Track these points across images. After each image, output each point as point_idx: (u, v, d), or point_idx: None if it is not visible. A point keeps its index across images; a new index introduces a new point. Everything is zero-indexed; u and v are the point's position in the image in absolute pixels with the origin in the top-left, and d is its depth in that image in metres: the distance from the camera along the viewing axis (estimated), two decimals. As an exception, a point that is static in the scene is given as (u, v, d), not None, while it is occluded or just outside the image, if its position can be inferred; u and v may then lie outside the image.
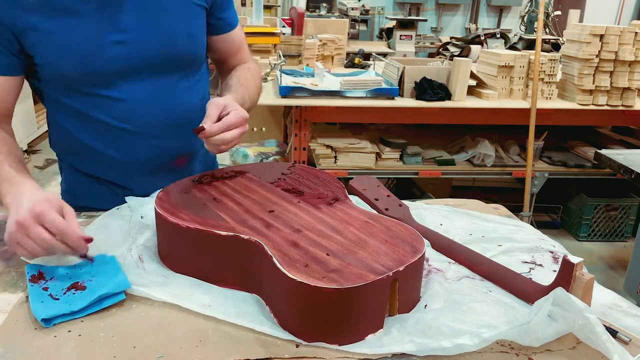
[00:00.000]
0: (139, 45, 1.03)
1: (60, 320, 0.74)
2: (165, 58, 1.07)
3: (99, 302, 0.77)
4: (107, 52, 1.01)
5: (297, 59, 3.43)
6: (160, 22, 1.04)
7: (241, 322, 0.74)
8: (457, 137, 3.14)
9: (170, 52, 1.07)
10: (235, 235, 0.80)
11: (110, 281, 0.80)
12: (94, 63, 1.01)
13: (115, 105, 1.05)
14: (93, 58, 1.00)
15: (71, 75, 1.01)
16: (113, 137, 1.08)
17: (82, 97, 1.05)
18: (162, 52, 1.06)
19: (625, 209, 3.12)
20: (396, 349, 0.69)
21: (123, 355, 0.68)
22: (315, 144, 2.80)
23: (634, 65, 2.65)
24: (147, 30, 1.03)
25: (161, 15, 1.04)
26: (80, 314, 0.75)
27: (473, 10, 7.20)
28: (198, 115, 1.16)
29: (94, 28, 0.99)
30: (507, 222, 1.07)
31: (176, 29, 1.07)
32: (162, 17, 1.05)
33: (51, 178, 3.86)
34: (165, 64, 1.07)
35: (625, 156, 2.14)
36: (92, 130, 1.08)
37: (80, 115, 1.07)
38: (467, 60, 2.63)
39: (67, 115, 1.08)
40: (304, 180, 1.01)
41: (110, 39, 1.00)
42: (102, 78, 1.03)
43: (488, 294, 0.81)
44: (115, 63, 1.02)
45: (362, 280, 0.69)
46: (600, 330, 0.66)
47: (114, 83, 1.04)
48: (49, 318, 0.73)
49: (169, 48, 1.06)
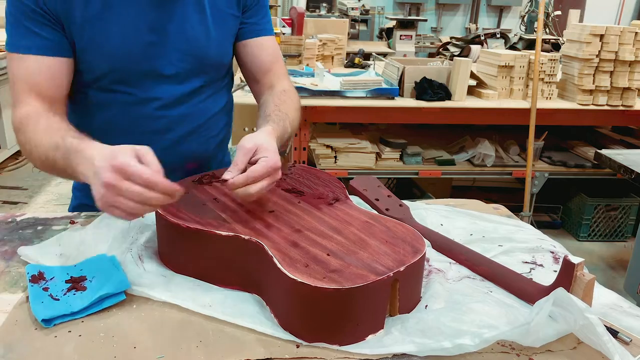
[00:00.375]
0: (168, 48, 1.03)
1: (60, 321, 0.74)
2: (191, 64, 1.06)
3: (99, 302, 0.77)
4: (138, 51, 1.01)
5: (297, 59, 3.42)
6: (191, 28, 1.04)
7: (241, 323, 0.74)
8: (457, 137, 3.14)
9: (198, 60, 1.07)
10: (236, 235, 0.80)
11: (110, 281, 0.79)
12: (123, 60, 1.01)
13: (135, 105, 1.06)
14: (124, 55, 1.00)
15: (102, 69, 1.01)
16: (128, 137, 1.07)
17: (105, 92, 1.04)
18: (190, 59, 1.06)
19: (625, 209, 3.12)
20: (397, 349, 0.69)
21: (123, 356, 0.68)
22: (315, 144, 2.80)
23: (634, 65, 2.65)
24: (178, 34, 1.03)
25: (192, 21, 1.04)
26: (80, 315, 0.75)
27: (473, 10, 7.20)
28: (216, 122, 1.17)
29: (129, 25, 0.99)
30: (507, 222, 1.07)
31: (207, 36, 1.06)
32: (193, 23, 1.04)
33: (51, 178, 3.85)
34: (190, 70, 1.07)
35: (625, 156, 2.14)
36: (108, 128, 1.08)
37: (99, 112, 1.06)
38: (467, 60, 2.63)
39: (86, 110, 1.08)
40: (304, 180, 1.01)
41: (142, 39, 1.00)
42: (128, 76, 1.03)
43: (489, 294, 0.81)
44: (143, 63, 1.02)
45: (363, 280, 0.69)
46: (601, 330, 0.66)
47: (139, 82, 1.04)
48: (49, 319, 0.73)
49: (197, 55, 1.06)
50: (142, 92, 1.05)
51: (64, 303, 0.76)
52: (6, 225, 1.03)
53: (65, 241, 0.92)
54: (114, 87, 1.04)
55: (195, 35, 1.05)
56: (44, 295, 0.78)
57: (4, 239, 0.97)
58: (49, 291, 0.79)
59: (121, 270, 0.82)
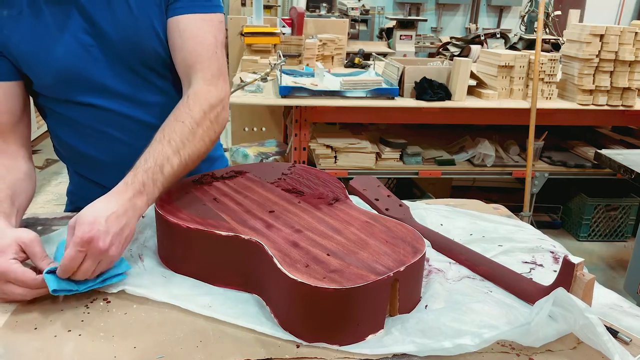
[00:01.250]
0: (107, 50, 0.97)
1: (65, 293, 0.76)
2: (132, 55, 0.98)
3: (102, 281, 0.79)
4: (78, 60, 0.96)
5: (297, 59, 3.43)
6: (121, 20, 0.97)
7: (241, 323, 0.74)
8: (457, 137, 3.14)
9: (136, 49, 0.98)
10: (236, 235, 0.80)
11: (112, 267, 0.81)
12: (65, 67, 0.96)
13: (101, 114, 1.03)
14: (63, 62, 0.95)
15: (48, 81, 0.98)
16: (108, 145, 1.06)
17: (70, 105, 1.02)
18: (128, 49, 0.97)
19: (625, 209, 3.12)
20: (397, 349, 0.69)
21: (123, 356, 0.68)
22: (315, 144, 2.80)
23: (634, 65, 2.65)
24: (112, 33, 0.97)
25: (120, 12, 0.96)
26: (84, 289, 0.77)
27: (473, 10, 7.20)
28: None
29: (61, 29, 0.94)
30: (507, 222, 1.07)
31: (137, 29, 0.98)
32: (122, 14, 0.96)
33: (51, 178, 3.86)
34: (136, 63, 1.00)
35: (625, 156, 2.14)
36: (87, 139, 1.06)
37: (73, 125, 1.05)
38: (467, 60, 2.63)
39: (61, 125, 1.07)
40: (304, 180, 1.01)
41: (76, 40, 0.96)
42: (78, 84, 0.99)
43: (489, 294, 0.81)
44: (88, 70, 0.97)
45: (363, 280, 0.69)
46: (601, 330, 0.66)
47: (93, 89, 1.00)
48: (57, 289, 0.75)
49: (133, 44, 0.97)
50: (98, 99, 1.01)
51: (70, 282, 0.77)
52: (6, 225, 1.03)
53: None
54: (75, 98, 1.01)
55: (132, 32, 0.97)
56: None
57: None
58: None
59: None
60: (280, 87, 2.56)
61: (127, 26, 0.97)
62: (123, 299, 0.79)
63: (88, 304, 0.78)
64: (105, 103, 1.03)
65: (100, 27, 0.97)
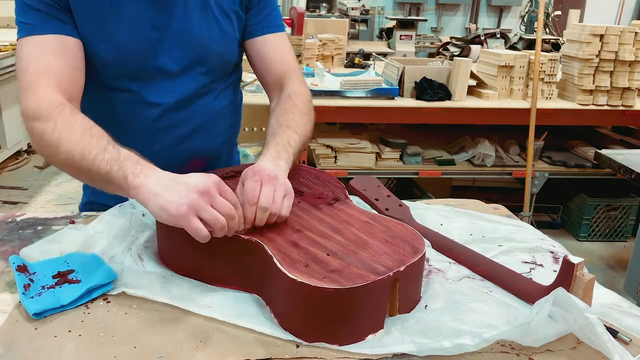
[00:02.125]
0: (172, 46, 1.03)
1: (50, 313, 0.75)
2: (195, 62, 1.06)
3: (88, 293, 0.78)
4: (142, 47, 1.00)
5: (297, 58, 3.42)
6: (195, 25, 1.04)
7: (241, 323, 0.74)
8: (457, 137, 3.14)
9: (201, 57, 1.06)
10: (236, 235, 0.80)
11: (97, 272, 0.81)
12: (128, 55, 1.00)
13: (139, 103, 1.05)
14: (129, 50, 1.00)
15: (108, 63, 1.00)
16: (132, 135, 1.07)
17: (109, 90, 1.04)
18: (193, 55, 1.05)
19: (625, 209, 3.12)
20: (397, 349, 0.69)
21: (123, 356, 0.68)
22: (315, 144, 2.80)
23: (634, 65, 2.65)
24: (181, 31, 1.03)
25: (195, 18, 1.04)
26: (69, 307, 0.76)
27: (473, 10, 7.20)
28: (222, 120, 1.17)
29: (134, 21, 0.99)
30: (507, 222, 1.07)
31: (210, 33, 1.06)
32: (197, 20, 1.04)
33: (51, 178, 3.86)
34: (194, 68, 1.07)
35: (625, 156, 2.14)
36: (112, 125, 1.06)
37: (103, 109, 1.06)
38: (467, 60, 2.63)
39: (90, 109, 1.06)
40: (304, 180, 1.01)
41: (146, 35, 1.00)
42: (132, 72, 1.03)
43: (488, 294, 0.81)
44: (148, 60, 1.02)
45: (363, 280, 0.69)
46: (600, 330, 0.66)
47: (142, 79, 1.04)
48: (40, 312, 0.74)
49: (200, 52, 1.06)
50: (145, 90, 1.05)
51: (52, 296, 0.77)
52: (6, 225, 1.03)
53: (66, 239, 0.92)
54: (117, 85, 1.04)
55: (199, 32, 1.05)
56: (34, 289, 0.78)
57: (4, 239, 0.97)
58: (34, 283, 0.80)
59: (104, 263, 0.84)
60: (281, 87, 2.55)
61: (201, 39, 1.05)
62: (123, 299, 0.79)
63: (88, 304, 0.78)
64: (149, 95, 1.05)
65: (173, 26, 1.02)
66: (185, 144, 1.11)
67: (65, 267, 0.84)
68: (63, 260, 0.86)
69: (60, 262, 0.85)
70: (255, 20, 1.12)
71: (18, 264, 0.84)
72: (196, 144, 1.12)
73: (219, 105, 1.14)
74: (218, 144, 1.18)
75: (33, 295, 0.77)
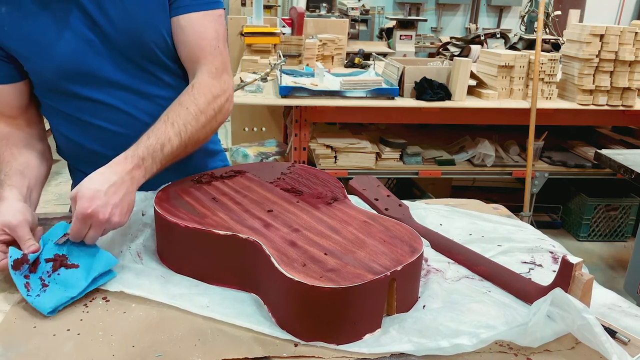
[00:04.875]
0: (105, 40, 0.98)
1: (62, 307, 0.76)
2: (133, 49, 0.99)
3: (93, 282, 0.79)
4: (77, 50, 0.97)
5: (297, 59, 3.43)
6: (122, 14, 0.97)
7: (239, 322, 0.74)
8: (457, 137, 3.14)
9: (136, 42, 0.99)
10: (234, 234, 0.80)
11: (97, 260, 0.81)
12: (68, 62, 0.97)
13: (105, 109, 1.03)
14: (66, 56, 0.97)
15: (50, 76, 0.99)
16: (113, 141, 1.06)
17: (72, 101, 1.03)
18: (127, 43, 0.98)
19: (625, 209, 3.12)
20: (394, 349, 0.69)
21: (122, 354, 0.68)
22: (315, 144, 2.80)
23: (634, 65, 2.65)
24: (110, 24, 0.97)
25: (119, 6, 0.97)
26: (79, 296, 0.78)
27: (473, 10, 7.19)
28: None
29: (62, 25, 0.95)
30: (507, 222, 1.07)
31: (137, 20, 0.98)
32: (122, 9, 0.97)
33: (51, 178, 3.86)
34: (138, 57, 1.00)
35: (625, 156, 2.14)
36: (91, 135, 1.07)
37: (76, 121, 1.06)
38: (467, 60, 2.63)
39: (64, 122, 1.07)
40: (303, 180, 1.01)
41: (78, 36, 0.96)
42: (81, 78, 0.99)
43: (487, 294, 0.81)
44: (87, 61, 0.98)
45: (360, 279, 0.69)
46: (598, 330, 0.66)
47: (97, 83, 1.01)
48: (53, 309, 0.75)
49: (133, 38, 0.98)
50: (103, 95, 1.02)
51: (57, 289, 0.77)
52: (5, 224, 1.03)
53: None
54: (77, 93, 1.01)
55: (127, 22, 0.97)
56: (35, 286, 0.78)
57: (3, 238, 0.97)
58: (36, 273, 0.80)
59: (101, 249, 0.83)
60: (280, 87, 2.56)
61: (125, 20, 0.98)
62: (122, 298, 0.79)
63: (87, 303, 0.78)
64: (108, 97, 1.03)
65: (99, 22, 0.97)
66: None
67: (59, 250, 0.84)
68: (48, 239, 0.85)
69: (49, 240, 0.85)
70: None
71: (15, 258, 0.82)
72: None
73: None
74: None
75: (38, 292, 0.77)
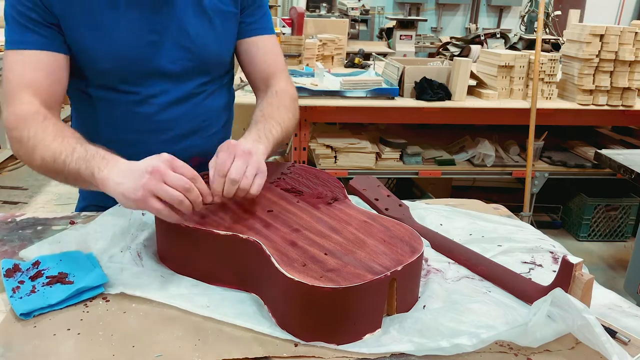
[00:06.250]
0: (170, 46, 1.04)
1: (39, 312, 0.75)
2: (193, 62, 1.07)
3: (77, 295, 0.78)
4: (140, 51, 1.02)
5: (297, 59, 3.42)
6: (192, 26, 1.05)
7: (239, 322, 0.74)
8: (457, 137, 3.14)
9: (199, 57, 1.08)
10: (234, 234, 0.80)
11: (88, 275, 0.81)
12: (126, 60, 1.01)
13: (137, 103, 1.06)
14: (127, 55, 1.01)
15: (105, 68, 1.02)
16: (130, 134, 1.08)
17: (107, 91, 1.05)
18: (191, 56, 1.07)
19: (625, 209, 3.12)
20: (394, 349, 0.69)
21: (122, 354, 0.68)
22: (315, 144, 2.80)
23: (634, 65, 2.65)
24: (179, 32, 1.04)
25: (192, 19, 1.05)
26: (58, 307, 0.77)
27: (473, 10, 7.19)
28: (218, 119, 1.20)
29: (132, 26, 1.00)
30: (507, 222, 1.07)
31: (207, 33, 1.07)
32: (193, 21, 1.05)
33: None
34: (192, 68, 1.08)
35: (625, 156, 2.14)
36: (111, 126, 1.08)
37: (102, 110, 1.07)
38: (467, 60, 2.63)
39: (89, 109, 1.09)
40: (303, 180, 1.01)
41: (145, 39, 1.02)
42: (131, 76, 1.04)
43: (487, 295, 0.81)
44: (146, 62, 1.03)
45: (360, 279, 0.69)
46: (599, 330, 0.66)
47: (141, 81, 1.05)
48: (27, 312, 0.74)
49: (198, 52, 1.07)
50: (144, 91, 1.06)
51: (41, 296, 0.77)
52: (6, 225, 1.03)
53: (65, 239, 0.92)
54: (116, 86, 1.05)
55: (196, 32, 1.06)
56: (24, 289, 0.79)
57: (4, 239, 0.97)
58: (24, 285, 0.80)
59: (98, 265, 0.84)
60: (280, 87, 2.55)
61: (198, 39, 1.06)
62: (122, 298, 0.80)
63: (87, 303, 0.78)
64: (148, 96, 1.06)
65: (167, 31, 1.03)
66: (182, 143, 1.12)
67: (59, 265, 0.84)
68: (58, 259, 0.86)
69: (56, 261, 0.85)
70: (248, 21, 1.15)
71: (7, 268, 0.83)
72: (193, 143, 1.14)
73: (215, 104, 1.16)
74: (214, 142, 1.19)
75: (22, 295, 0.78)
